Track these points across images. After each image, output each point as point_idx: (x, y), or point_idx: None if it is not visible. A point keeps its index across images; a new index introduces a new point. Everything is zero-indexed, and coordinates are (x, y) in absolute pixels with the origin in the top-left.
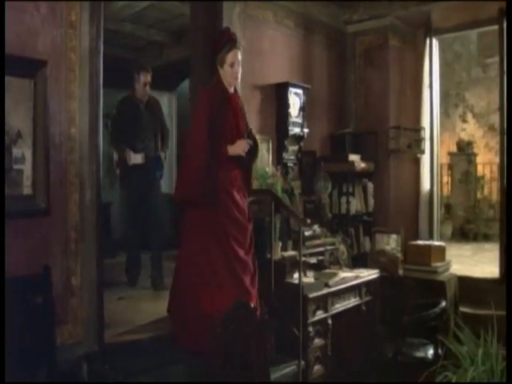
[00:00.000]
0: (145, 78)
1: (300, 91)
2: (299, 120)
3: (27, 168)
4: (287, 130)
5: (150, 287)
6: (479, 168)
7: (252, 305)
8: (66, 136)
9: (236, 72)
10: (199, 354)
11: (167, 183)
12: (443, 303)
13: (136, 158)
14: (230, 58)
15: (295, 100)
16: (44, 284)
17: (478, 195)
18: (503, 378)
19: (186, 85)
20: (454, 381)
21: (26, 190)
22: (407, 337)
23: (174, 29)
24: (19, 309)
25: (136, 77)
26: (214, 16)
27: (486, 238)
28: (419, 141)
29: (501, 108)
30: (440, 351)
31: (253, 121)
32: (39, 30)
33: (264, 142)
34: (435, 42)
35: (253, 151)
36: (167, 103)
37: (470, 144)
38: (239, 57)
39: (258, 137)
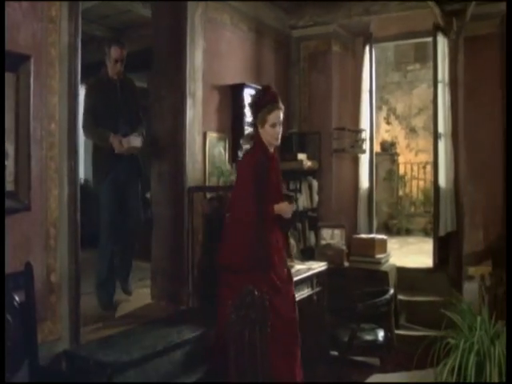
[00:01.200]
0: (116, 53)
1: (254, 92)
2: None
3: (10, 164)
4: (242, 130)
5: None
6: (401, 167)
7: (256, 292)
8: (47, 131)
9: (277, 133)
10: None
11: None
12: (391, 291)
13: (135, 141)
14: (271, 118)
15: (248, 100)
16: (26, 281)
17: (400, 193)
18: (495, 339)
19: None
20: (460, 346)
21: (9, 186)
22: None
23: (116, 25)
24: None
25: (107, 51)
26: (178, 17)
27: (408, 232)
28: (360, 141)
29: (434, 114)
30: (389, 334)
31: (211, 120)
32: (20, 23)
33: (221, 141)
34: (374, 50)
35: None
36: None
37: (393, 145)
38: (281, 117)
39: (215, 135)
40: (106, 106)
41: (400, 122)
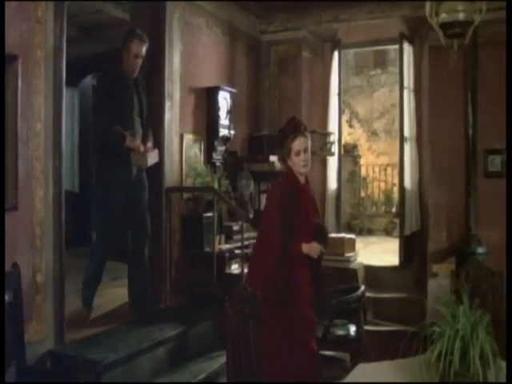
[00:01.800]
0: (137, 47)
1: (228, 95)
2: (227, 122)
3: None
4: (217, 132)
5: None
6: (363, 169)
7: (249, 289)
8: (33, 132)
9: (303, 160)
10: None
11: (68, 180)
12: (362, 287)
13: (153, 158)
14: (295, 146)
15: (223, 103)
16: (14, 281)
17: (362, 194)
18: (475, 326)
19: (88, 80)
20: (446, 332)
21: None
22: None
23: (84, 24)
24: None
25: (126, 44)
26: (157, 20)
27: (370, 231)
28: (329, 144)
29: (400, 118)
30: (360, 329)
31: (188, 122)
32: (9, 23)
33: (197, 142)
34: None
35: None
36: (70, 98)
37: (355, 147)
38: (308, 143)
39: (191, 137)
40: (120, 104)
41: (362, 125)
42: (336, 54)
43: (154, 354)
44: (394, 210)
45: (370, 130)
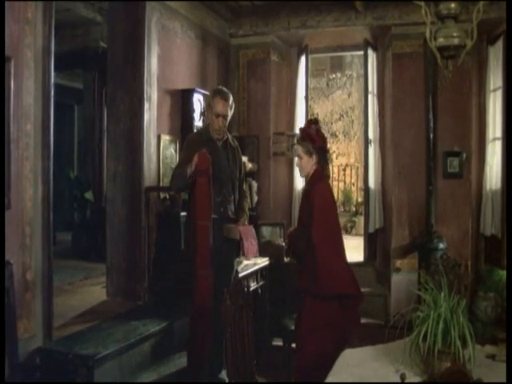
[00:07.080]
0: (219, 106)
1: (201, 97)
2: (200, 124)
3: None
4: (192, 132)
5: None
6: None
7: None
8: (23, 132)
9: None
10: None
11: None
12: None
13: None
14: None
15: (198, 105)
16: (6, 279)
17: None
18: (453, 311)
19: None
20: (431, 316)
21: None
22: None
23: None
24: None
25: (209, 103)
26: (135, 23)
27: None
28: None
29: (365, 122)
30: None
31: (164, 123)
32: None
33: (172, 143)
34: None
35: None
36: None
37: None
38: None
39: (168, 138)
40: None
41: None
42: (303, 58)
43: (141, 348)
44: (353, 208)
45: (329, 131)
